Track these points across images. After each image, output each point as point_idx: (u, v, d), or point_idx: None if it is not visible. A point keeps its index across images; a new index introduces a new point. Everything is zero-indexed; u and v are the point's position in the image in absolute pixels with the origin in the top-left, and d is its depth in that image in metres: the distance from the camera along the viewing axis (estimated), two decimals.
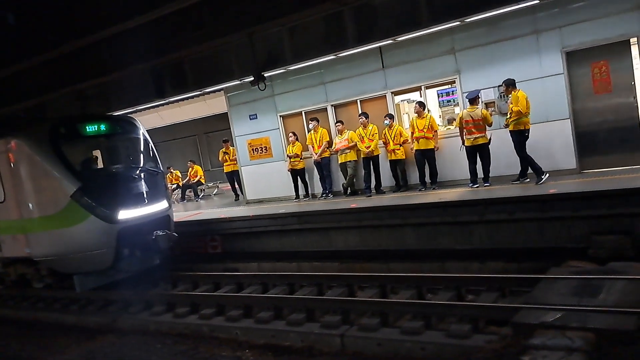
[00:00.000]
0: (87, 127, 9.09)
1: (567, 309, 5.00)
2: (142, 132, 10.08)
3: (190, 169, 17.98)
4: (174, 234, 9.55)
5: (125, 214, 8.71)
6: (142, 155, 9.85)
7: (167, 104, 15.04)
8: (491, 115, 9.71)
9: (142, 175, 9.34)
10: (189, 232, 11.31)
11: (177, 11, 10.23)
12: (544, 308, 5.13)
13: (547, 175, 9.11)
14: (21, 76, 14.10)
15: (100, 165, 9.79)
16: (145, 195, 9.14)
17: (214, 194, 18.56)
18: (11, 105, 14.30)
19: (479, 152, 9.73)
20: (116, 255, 8.64)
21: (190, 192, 18.26)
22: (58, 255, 8.64)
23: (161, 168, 10.18)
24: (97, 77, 12.84)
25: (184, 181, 18.14)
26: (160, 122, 20.57)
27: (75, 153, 9.12)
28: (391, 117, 10.95)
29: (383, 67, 11.08)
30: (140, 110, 15.55)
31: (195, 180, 17.87)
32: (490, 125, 9.59)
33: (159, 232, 9.04)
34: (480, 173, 9.84)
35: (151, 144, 10.12)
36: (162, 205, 9.54)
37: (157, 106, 15.84)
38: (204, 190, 18.41)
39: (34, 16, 12.03)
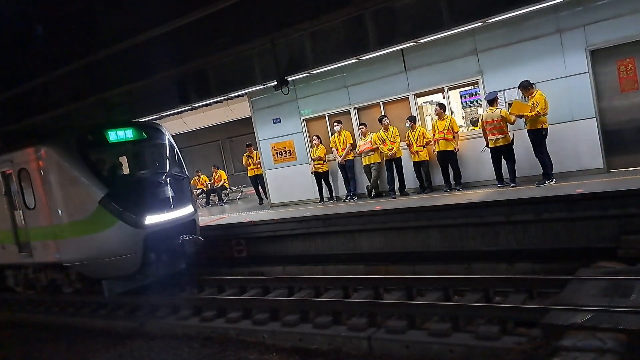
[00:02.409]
0: (113, 134, 9.29)
1: (597, 310, 4.94)
2: (168, 137, 10.24)
3: (214, 173, 18.20)
4: (200, 238, 9.67)
5: (151, 219, 8.87)
6: (167, 161, 10.02)
7: (191, 109, 15.30)
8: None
9: (168, 180, 9.49)
10: (214, 237, 11.46)
11: (200, 19, 10.48)
12: (574, 309, 5.07)
13: (554, 182, 9.03)
14: (49, 86, 14.54)
15: (127, 171, 9.97)
16: (171, 200, 9.29)
17: (238, 198, 18.74)
18: (39, 114, 14.74)
19: (502, 153, 9.66)
20: (143, 260, 8.79)
21: (214, 196, 18.47)
22: (87, 261, 8.84)
23: (187, 173, 10.32)
24: (123, 85, 13.17)
25: (209, 185, 18.38)
26: (184, 127, 20.88)
27: (103, 160, 9.34)
28: (412, 119, 10.95)
29: (405, 69, 11.08)
30: (164, 117, 15.85)
31: (219, 185, 18.08)
32: (512, 124, 9.50)
33: (185, 236, 9.17)
34: (505, 174, 9.75)
35: (176, 149, 10.28)
36: (188, 209, 9.68)
37: (181, 112, 16.13)
38: (228, 194, 18.61)
39: (62, 28, 12.42)
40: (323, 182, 12.69)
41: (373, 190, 11.79)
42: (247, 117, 15.09)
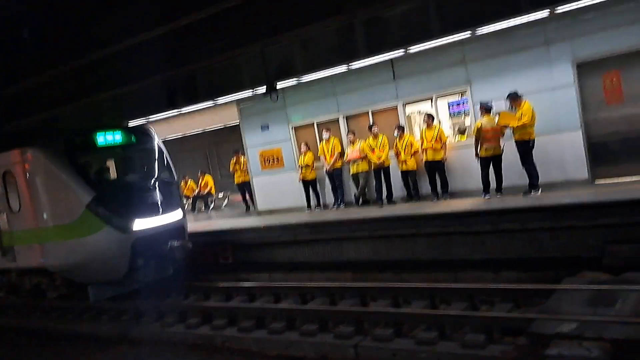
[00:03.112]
0: (102, 138, 9.20)
1: (583, 320, 4.98)
2: (157, 141, 10.16)
3: (200, 179, 18.09)
4: (189, 243, 9.57)
5: (140, 224, 8.77)
6: (156, 165, 9.92)
7: (179, 115, 15.21)
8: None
9: (156, 184, 9.42)
10: (200, 243, 11.36)
11: (190, 24, 10.44)
12: (560, 318, 5.11)
13: (540, 192, 9.13)
14: (37, 89, 14.38)
15: (115, 175, 9.88)
16: (159, 205, 9.21)
17: (224, 205, 18.64)
18: (27, 117, 14.56)
19: (493, 162, 9.73)
20: (130, 265, 8.69)
21: (200, 202, 18.35)
22: (73, 265, 8.73)
23: (176, 177, 10.25)
24: (111, 89, 13.07)
25: (195, 192, 18.24)
26: (172, 133, 20.74)
27: (91, 163, 9.24)
28: (400, 128, 11.00)
29: (394, 78, 11.15)
30: (152, 122, 15.74)
31: (205, 191, 17.97)
32: (503, 135, 9.58)
33: (174, 242, 9.08)
34: (492, 183, 9.82)
35: (166, 153, 10.20)
36: (177, 214, 9.59)
37: (169, 117, 16.02)
38: (214, 201, 18.50)
39: (49, 31, 12.30)
40: (311, 189, 12.68)
41: (360, 198, 11.80)
42: (235, 124, 15.04)
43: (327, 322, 6.86)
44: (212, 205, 18.21)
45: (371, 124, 11.43)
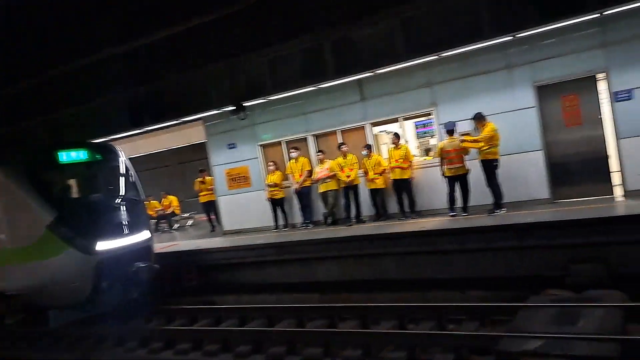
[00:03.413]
0: (65, 155, 8.84)
1: (548, 337, 5.05)
2: (123, 159, 9.86)
3: (163, 199, 17.72)
4: (156, 265, 9.27)
5: (104, 245, 8.41)
6: (122, 183, 9.61)
7: (143, 133, 14.95)
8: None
9: (122, 204, 9.11)
10: (163, 265, 11.05)
11: (157, 41, 10.34)
12: (526, 336, 5.17)
13: (505, 211, 9.33)
14: None
15: (79, 194, 9.49)
16: (125, 225, 8.88)
17: (189, 225, 18.30)
18: None
19: (459, 182, 9.89)
20: (94, 289, 8.29)
21: (164, 222, 17.95)
22: (33, 289, 8.31)
23: (143, 196, 9.96)
24: (72, 106, 12.74)
25: (158, 212, 17.82)
26: (134, 151, 20.35)
27: (53, 181, 8.90)
28: (368, 147, 11.10)
29: (362, 98, 11.28)
30: (115, 140, 15.40)
31: (169, 211, 17.61)
32: (467, 154, 9.77)
33: (140, 264, 8.75)
34: (459, 202, 9.97)
35: (132, 171, 9.89)
36: (143, 235, 9.28)
37: (133, 135, 15.73)
38: (178, 221, 18.14)
39: (8, 47, 11.96)
40: (278, 209, 12.59)
41: (329, 218, 11.78)
42: (201, 142, 14.87)
43: (295, 344, 6.76)
44: (176, 226, 17.84)
45: (340, 143, 11.48)
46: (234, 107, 10.79)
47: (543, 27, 8.57)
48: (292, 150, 12.06)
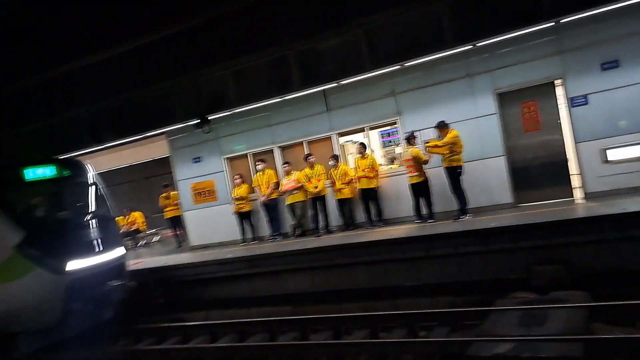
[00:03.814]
0: (30, 172, 8.44)
1: (518, 339, 5.13)
2: (92, 175, 9.53)
3: (127, 215, 17.31)
4: (131, 283, 8.92)
5: (74, 264, 8.05)
6: (92, 200, 9.26)
7: (105, 148, 14.61)
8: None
9: (92, 220, 8.77)
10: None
11: (117, 55, 10.16)
12: (496, 340, 5.24)
13: (469, 217, 9.50)
14: None
15: (46, 212, 9.04)
16: (96, 243, 8.55)
17: (155, 241, 17.92)
18: None
19: (419, 190, 10.01)
20: (65, 311, 7.93)
21: (129, 239, 17.52)
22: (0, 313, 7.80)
23: (113, 212, 9.63)
24: (26, 124, 12.33)
25: (122, 229, 17.38)
26: (97, 168, 19.85)
27: (18, 200, 8.46)
28: (335, 157, 11.14)
29: (328, 109, 11.33)
30: (75, 156, 14.99)
31: (134, 228, 17.21)
32: (425, 163, 9.90)
33: (113, 282, 8.44)
34: (424, 209, 10.09)
35: (101, 187, 9.58)
36: (116, 252, 8.96)
37: (94, 152, 15.36)
38: (144, 237, 17.74)
39: None
40: (246, 222, 12.46)
41: (298, 229, 11.73)
42: (165, 157, 14.63)
43: (267, 358, 6.67)
44: (142, 242, 17.44)
45: (307, 154, 11.48)
46: (198, 121, 10.66)
47: (501, 36, 8.83)
48: (258, 163, 11.99)
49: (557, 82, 9.44)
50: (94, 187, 9.43)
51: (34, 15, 9.82)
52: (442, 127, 9.64)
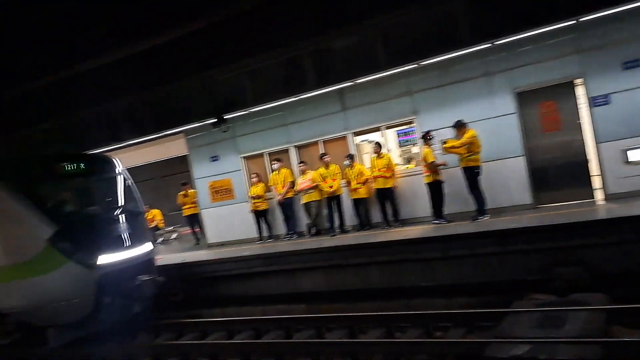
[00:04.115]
0: (63, 167, 8.56)
1: (535, 341, 5.08)
2: (121, 170, 9.60)
3: (146, 213, 17.49)
4: (160, 278, 8.92)
5: (105, 259, 8.14)
6: (121, 195, 9.32)
7: (124, 147, 14.80)
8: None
9: (122, 216, 8.82)
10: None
11: (133, 55, 10.26)
12: (513, 341, 5.19)
13: (487, 217, 9.41)
14: None
15: (77, 206, 9.10)
16: (126, 238, 8.61)
17: (173, 238, 18.10)
18: None
19: (430, 190, 10.01)
20: (96, 305, 7.99)
21: None
22: (31, 307, 7.92)
23: (142, 208, 9.64)
24: (46, 122, 12.53)
25: None
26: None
27: (51, 194, 8.54)
28: (351, 157, 11.13)
29: (343, 108, 11.32)
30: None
31: (152, 225, 17.40)
32: (432, 166, 9.81)
33: (143, 277, 8.47)
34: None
35: (131, 182, 9.61)
36: (145, 247, 9.01)
37: (113, 150, 15.57)
38: (162, 235, 17.93)
39: None
40: (262, 220, 12.52)
41: (313, 228, 11.75)
42: (183, 155, 14.76)
43: (283, 355, 6.70)
44: (160, 240, 17.63)
45: (322, 153, 11.49)
46: (215, 120, 10.73)
47: (520, 35, 8.72)
48: (274, 162, 12.04)
49: (577, 81, 9.30)
50: (123, 182, 9.47)
51: (51, 13, 9.97)
52: (460, 126, 9.57)
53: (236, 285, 10.44)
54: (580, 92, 9.35)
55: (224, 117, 10.80)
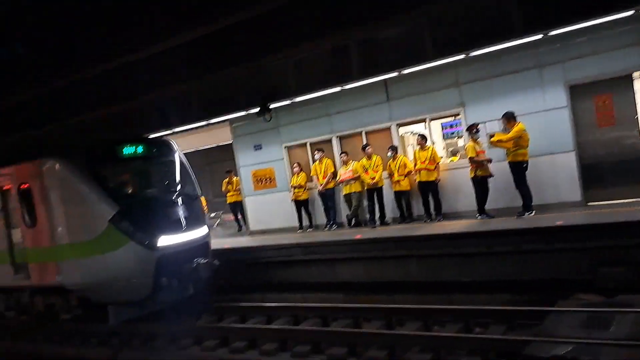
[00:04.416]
0: (124, 149, 8.82)
1: (578, 342, 4.92)
2: (179, 154, 9.78)
3: None
4: (216, 262, 9.07)
5: (165, 240, 8.30)
6: (180, 178, 9.53)
7: (171, 134, 15.18)
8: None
9: (180, 199, 9.00)
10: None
11: (182, 44, 10.45)
12: (555, 341, 5.05)
13: (533, 214, 9.14)
14: (24, 106, 14.25)
15: (138, 188, 9.32)
16: (184, 221, 8.76)
17: (216, 225, 18.50)
18: (12, 134, 14.39)
19: (474, 185, 9.84)
20: (154, 285, 8.19)
21: None
22: (93, 284, 8.21)
23: (199, 192, 9.81)
24: (100, 108, 12.97)
25: None
26: None
27: (113, 176, 8.82)
28: (394, 149, 11.03)
29: (388, 99, 11.22)
30: None
31: None
32: (472, 161, 9.67)
33: (200, 260, 8.65)
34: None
35: (188, 166, 9.78)
36: (201, 231, 9.14)
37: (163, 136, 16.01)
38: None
39: (40, 47, 12.28)
40: (303, 210, 12.61)
41: (353, 219, 11.74)
42: (228, 143, 15.02)
43: (320, 343, 6.75)
44: None
45: (365, 144, 11.44)
46: (260, 109, 10.83)
47: (575, 25, 8.34)
48: (316, 152, 12.08)
49: (635, 74, 8.86)
50: (181, 165, 9.65)
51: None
52: (510, 118, 9.29)
53: (276, 272, 10.59)
54: (638, 86, 8.91)
55: (268, 106, 10.88)
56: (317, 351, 6.59)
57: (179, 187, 9.39)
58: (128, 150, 8.90)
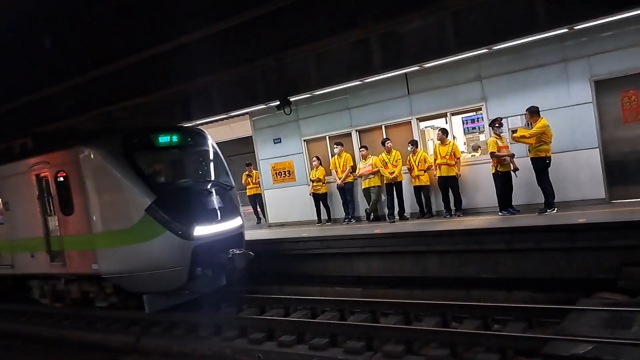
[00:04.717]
0: (160, 138, 8.77)
1: (599, 342, 4.86)
2: (213, 143, 9.73)
3: None
4: (250, 252, 8.91)
5: (200, 230, 8.25)
6: (214, 168, 9.49)
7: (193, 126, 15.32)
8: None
9: (216, 189, 8.92)
10: None
11: (205, 38, 10.54)
12: (575, 340, 4.99)
13: (555, 211, 9.00)
14: (54, 98, 14.56)
15: (173, 177, 9.27)
16: (220, 211, 8.71)
17: None
18: (42, 126, 14.71)
19: (494, 180, 9.73)
20: (190, 274, 8.17)
21: None
22: (129, 273, 8.21)
23: (233, 182, 9.74)
24: (126, 100, 13.18)
25: None
26: None
27: (149, 164, 8.71)
28: (414, 143, 10.95)
29: (408, 93, 11.13)
30: None
31: None
32: (493, 156, 9.55)
33: (236, 250, 8.61)
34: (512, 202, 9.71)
35: (222, 156, 9.72)
36: (236, 222, 9.09)
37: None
38: None
39: (69, 41, 12.52)
40: (321, 203, 12.63)
41: (372, 214, 11.72)
42: (247, 136, 15.08)
43: (337, 336, 6.79)
44: None
45: (385, 138, 11.39)
46: (280, 102, 10.86)
47: (602, 19, 8.16)
48: (336, 146, 12.06)
49: None
50: (215, 155, 9.62)
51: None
52: (533, 113, 9.15)
53: (294, 265, 10.65)
54: None
55: (289, 99, 10.90)
56: (334, 344, 6.62)
57: (213, 177, 9.34)
58: (164, 138, 8.83)
